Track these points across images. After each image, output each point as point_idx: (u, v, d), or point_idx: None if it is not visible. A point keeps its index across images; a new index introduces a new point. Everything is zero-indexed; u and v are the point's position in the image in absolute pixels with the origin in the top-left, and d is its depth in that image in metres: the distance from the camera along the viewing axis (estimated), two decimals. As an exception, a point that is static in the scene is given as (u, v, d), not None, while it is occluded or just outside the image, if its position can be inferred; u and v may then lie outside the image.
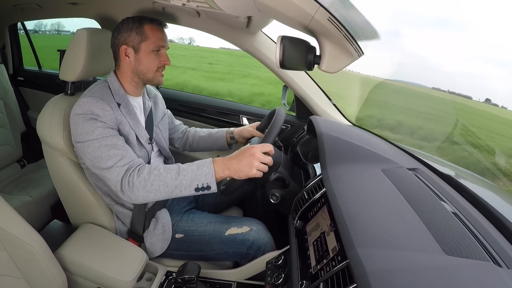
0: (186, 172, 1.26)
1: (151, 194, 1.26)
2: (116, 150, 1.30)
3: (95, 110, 1.30)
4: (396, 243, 0.86)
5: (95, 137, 1.29)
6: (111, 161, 1.28)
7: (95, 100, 1.32)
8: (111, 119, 1.33)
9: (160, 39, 1.45)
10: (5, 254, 1.17)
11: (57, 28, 15.21)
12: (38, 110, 1.46)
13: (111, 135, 1.32)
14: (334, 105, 2.02)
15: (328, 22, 0.95)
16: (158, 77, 1.49)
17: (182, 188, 1.25)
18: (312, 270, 1.01)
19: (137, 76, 1.46)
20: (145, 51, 1.43)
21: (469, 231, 0.96)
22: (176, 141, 1.94)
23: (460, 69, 64.78)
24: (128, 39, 1.41)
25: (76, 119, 1.31)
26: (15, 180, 2.29)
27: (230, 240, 1.48)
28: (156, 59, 1.45)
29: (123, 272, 1.33)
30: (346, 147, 1.41)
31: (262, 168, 1.28)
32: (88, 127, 1.29)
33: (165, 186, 1.25)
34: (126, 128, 1.40)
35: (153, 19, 1.45)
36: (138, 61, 1.43)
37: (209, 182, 1.25)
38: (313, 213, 1.24)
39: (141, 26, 1.41)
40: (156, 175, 1.26)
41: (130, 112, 1.44)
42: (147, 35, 1.41)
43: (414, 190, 1.15)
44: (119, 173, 1.27)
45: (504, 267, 0.84)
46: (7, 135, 2.40)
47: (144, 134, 1.50)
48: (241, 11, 1.27)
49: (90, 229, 1.50)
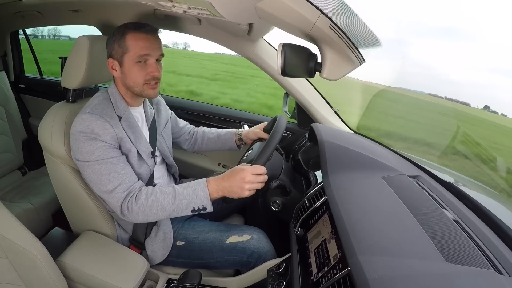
0: (182, 196, 1.28)
1: (150, 217, 1.30)
2: (116, 173, 1.29)
3: (95, 128, 1.28)
4: (398, 251, 0.86)
5: (95, 158, 1.28)
6: (110, 186, 1.28)
7: (95, 118, 1.29)
8: (111, 137, 1.32)
9: (143, 48, 1.34)
10: (6, 261, 1.17)
11: (54, 33, 15.26)
12: (40, 117, 1.46)
13: (111, 157, 1.31)
14: (336, 113, 2.02)
15: (329, 29, 0.95)
16: (147, 90, 1.40)
17: (179, 211, 1.29)
18: (314, 278, 1.01)
19: (128, 89, 1.42)
20: (128, 64, 1.35)
21: (470, 238, 0.96)
22: (184, 143, 1.94)
23: (466, 79, 64.71)
24: (113, 52, 1.37)
25: (76, 136, 1.30)
26: (16, 187, 2.29)
27: (231, 248, 1.47)
28: (141, 71, 1.36)
29: (124, 279, 1.32)
30: (347, 155, 1.41)
31: (255, 187, 1.28)
32: (88, 147, 1.28)
33: (163, 211, 1.28)
34: (127, 145, 1.38)
35: (138, 26, 1.35)
36: (124, 74, 1.38)
37: (204, 204, 1.29)
38: (314, 221, 1.24)
39: (123, 37, 1.34)
40: (153, 201, 1.28)
41: (131, 125, 1.42)
42: (128, 47, 1.33)
43: (415, 198, 1.15)
44: (118, 199, 1.28)
45: (506, 274, 0.83)
46: (9, 143, 2.41)
47: (147, 148, 1.47)
48: (242, 18, 1.27)
49: (91, 236, 1.50)
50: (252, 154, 1.55)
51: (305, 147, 1.74)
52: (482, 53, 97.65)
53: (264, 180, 1.30)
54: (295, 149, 1.88)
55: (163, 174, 1.64)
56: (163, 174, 1.64)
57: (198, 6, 1.11)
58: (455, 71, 69.29)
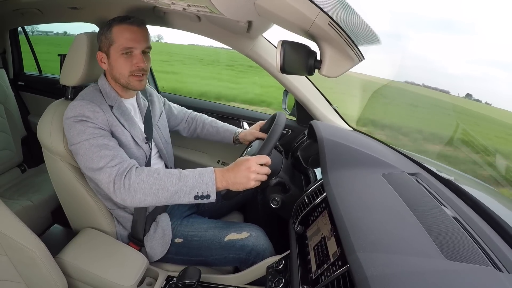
0: (187, 178, 1.24)
1: (148, 197, 1.24)
2: (107, 150, 1.28)
3: (85, 112, 1.29)
4: (397, 248, 0.86)
5: (86, 137, 1.28)
6: (102, 162, 1.25)
7: (85, 103, 1.31)
8: (102, 120, 1.32)
9: (128, 40, 1.36)
10: (6, 258, 1.17)
11: (44, 30, 15.23)
12: (39, 114, 1.46)
13: (102, 135, 1.30)
14: (335, 110, 2.02)
15: (328, 26, 0.95)
16: (133, 81, 1.41)
17: (181, 194, 1.23)
18: (313, 275, 1.01)
19: (115, 81, 1.43)
20: (114, 55, 1.38)
21: (470, 235, 0.96)
22: (183, 131, 1.95)
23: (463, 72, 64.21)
24: (101, 45, 1.40)
25: (67, 123, 1.31)
26: (16, 185, 2.29)
27: (229, 246, 1.48)
28: (127, 63, 1.38)
29: (124, 277, 1.33)
30: (347, 152, 1.41)
31: (260, 178, 1.27)
32: (79, 128, 1.28)
33: (164, 191, 1.23)
34: (118, 130, 1.38)
35: (123, 18, 1.38)
36: (111, 66, 1.40)
37: (209, 191, 1.24)
38: (314, 218, 1.24)
39: (109, 29, 1.37)
40: (156, 178, 1.23)
41: (124, 113, 1.43)
42: (113, 38, 1.36)
43: (414, 195, 1.15)
44: (110, 173, 1.24)
45: (505, 271, 0.83)
46: (8, 140, 2.41)
47: (141, 134, 1.48)
48: (242, 15, 1.27)
49: (90, 233, 1.50)
50: (252, 150, 1.55)
51: (304, 144, 1.74)
52: (466, 45, 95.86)
53: (268, 172, 1.30)
54: (294, 146, 1.88)
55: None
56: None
57: (197, 4, 1.11)
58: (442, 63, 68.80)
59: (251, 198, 1.89)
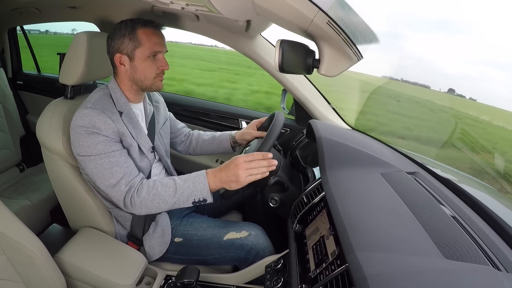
0: (182, 189, 1.31)
1: (152, 210, 1.33)
2: (118, 167, 1.31)
3: (96, 123, 1.29)
4: (395, 247, 0.86)
5: (97, 152, 1.29)
6: (113, 179, 1.30)
7: (97, 113, 1.30)
8: (113, 132, 1.33)
9: (156, 44, 1.38)
10: (4, 258, 1.17)
11: (27, 28, 15.16)
12: (37, 114, 1.46)
13: (113, 151, 1.32)
14: (333, 109, 2.02)
15: (327, 25, 0.95)
16: (157, 82, 1.44)
17: (180, 203, 1.32)
18: (312, 274, 1.01)
19: (135, 84, 1.42)
20: (140, 58, 1.38)
21: (468, 235, 0.96)
22: (179, 144, 1.93)
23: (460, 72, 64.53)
24: (122, 46, 1.37)
25: (77, 131, 1.30)
26: (14, 184, 2.29)
27: (229, 245, 1.48)
28: (153, 66, 1.40)
29: (122, 276, 1.33)
30: (345, 151, 1.41)
31: (254, 172, 1.27)
32: (89, 141, 1.29)
33: (165, 204, 1.32)
34: (128, 139, 1.39)
35: (147, 21, 1.39)
36: (133, 69, 1.39)
37: (204, 196, 1.31)
38: (313, 217, 1.24)
39: (134, 31, 1.36)
40: (154, 194, 1.31)
41: (132, 121, 1.43)
42: (141, 41, 1.36)
43: (413, 194, 1.15)
44: (122, 193, 1.31)
45: (503, 271, 0.84)
46: (6, 139, 2.40)
47: (147, 143, 1.49)
48: (240, 15, 1.27)
49: (89, 233, 1.50)
50: (251, 150, 1.55)
51: (303, 143, 1.74)
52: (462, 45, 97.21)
53: (269, 164, 1.29)
54: (293, 146, 1.88)
55: (160, 172, 1.64)
56: (160, 172, 1.64)
57: (196, 3, 1.11)
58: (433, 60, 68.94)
59: (250, 197, 1.89)
